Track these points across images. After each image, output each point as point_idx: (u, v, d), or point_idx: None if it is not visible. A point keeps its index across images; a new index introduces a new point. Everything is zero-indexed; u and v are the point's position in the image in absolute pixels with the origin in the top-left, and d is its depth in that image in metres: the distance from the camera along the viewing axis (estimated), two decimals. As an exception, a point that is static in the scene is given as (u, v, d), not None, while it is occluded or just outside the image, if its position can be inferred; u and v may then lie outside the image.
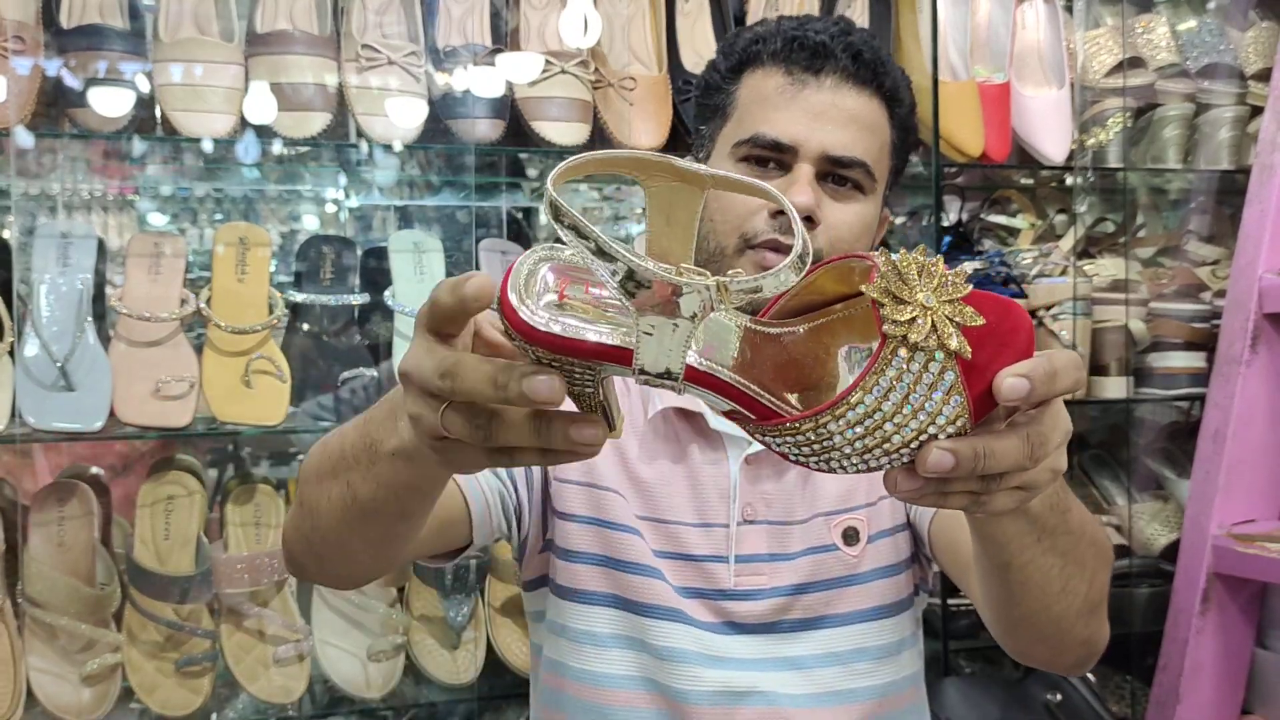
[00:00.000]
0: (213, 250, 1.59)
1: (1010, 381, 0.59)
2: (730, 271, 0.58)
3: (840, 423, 0.60)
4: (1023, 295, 1.82)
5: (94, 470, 1.66)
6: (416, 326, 0.64)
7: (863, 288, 0.60)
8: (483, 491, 1.06)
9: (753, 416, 0.62)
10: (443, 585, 1.64)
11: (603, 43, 1.70)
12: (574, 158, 0.59)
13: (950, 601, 1.78)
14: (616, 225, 2.39)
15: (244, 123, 1.52)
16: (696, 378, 0.61)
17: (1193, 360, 1.91)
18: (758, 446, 1.11)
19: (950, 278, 0.60)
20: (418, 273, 1.65)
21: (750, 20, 1.76)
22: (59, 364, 1.45)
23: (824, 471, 0.63)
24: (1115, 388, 1.88)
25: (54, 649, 1.48)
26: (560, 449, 0.61)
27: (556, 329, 0.58)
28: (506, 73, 1.63)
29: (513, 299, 0.58)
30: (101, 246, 1.56)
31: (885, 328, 0.59)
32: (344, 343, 1.62)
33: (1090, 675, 1.75)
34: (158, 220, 2.15)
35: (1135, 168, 2.02)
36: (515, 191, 2.22)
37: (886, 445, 0.60)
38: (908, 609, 1.16)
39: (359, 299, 1.62)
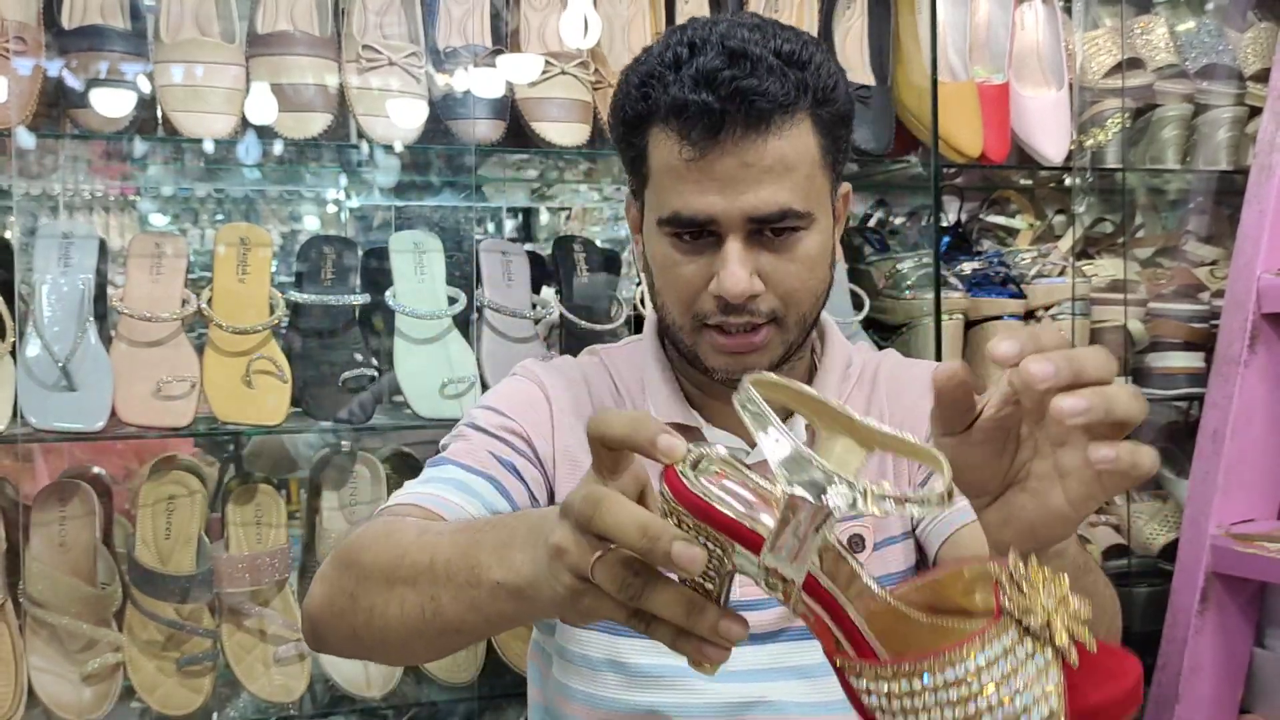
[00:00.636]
0: (214, 250, 1.59)
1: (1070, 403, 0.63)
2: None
3: (938, 678, 0.59)
4: (1021, 295, 1.82)
5: (95, 470, 1.66)
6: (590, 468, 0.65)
7: (988, 566, 0.62)
8: None
9: (850, 650, 0.62)
10: (443, 585, 1.64)
11: (603, 43, 1.70)
12: (773, 377, 0.64)
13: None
14: (617, 224, 2.39)
15: (245, 123, 1.53)
16: (814, 589, 0.62)
17: (1191, 360, 1.91)
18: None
19: (1075, 599, 0.61)
20: (418, 273, 1.66)
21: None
22: (60, 364, 1.46)
23: None
24: (1114, 388, 1.88)
25: (55, 648, 1.49)
26: (703, 636, 0.60)
27: (714, 502, 0.60)
28: (507, 73, 1.63)
29: (677, 465, 0.61)
30: (103, 247, 1.56)
31: (1004, 602, 0.60)
32: (345, 343, 1.63)
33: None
34: (159, 220, 2.15)
35: (1134, 168, 2.02)
36: (515, 192, 2.22)
37: None
38: None
39: (360, 299, 1.63)
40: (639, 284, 1.73)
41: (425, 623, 0.79)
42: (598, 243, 1.88)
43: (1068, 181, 2.01)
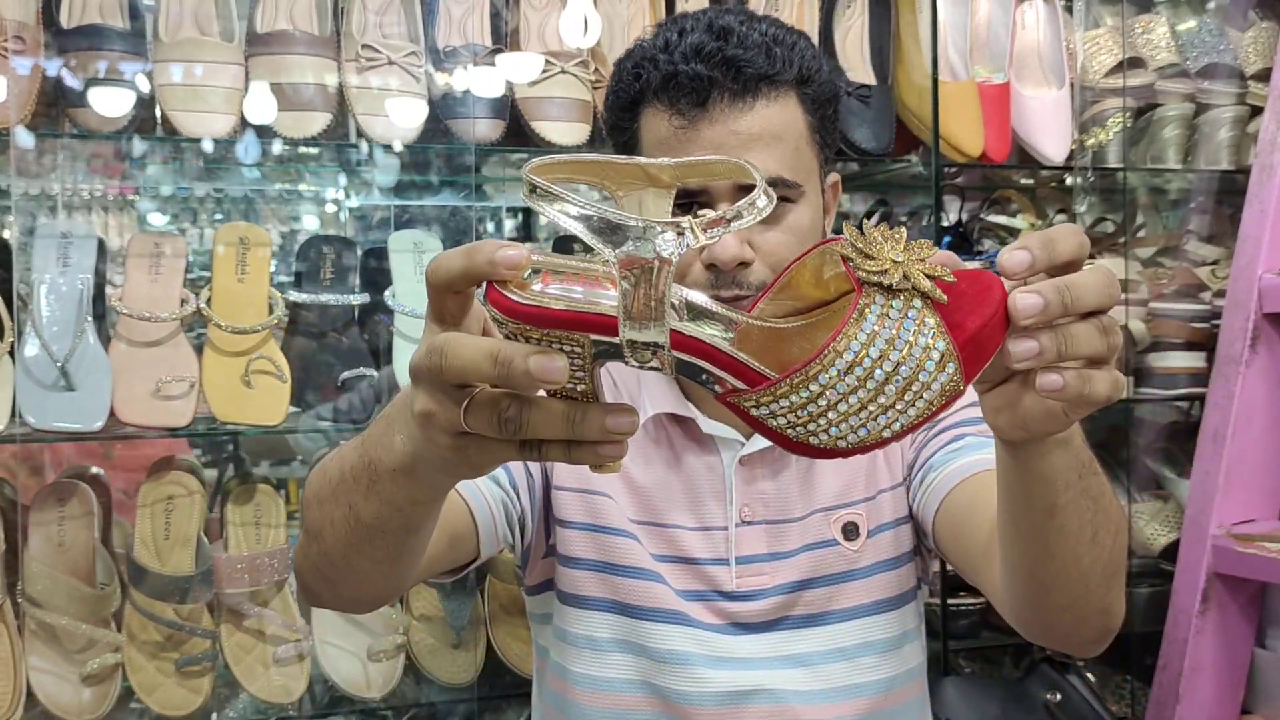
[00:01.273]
0: (213, 250, 1.59)
1: (1023, 299, 0.61)
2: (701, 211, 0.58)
3: (831, 373, 0.59)
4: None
5: (94, 470, 1.66)
6: (425, 320, 0.64)
7: (834, 246, 0.62)
8: (487, 503, 1.05)
9: (741, 384, 0.61)
10: (443, 585, 1.64)
11: (603, 43, 1.70)
12: (550, 157, 0.60)
13: (950, 601, 1.78)
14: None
15: (244, 123, 1.53)
16: (685, 344, 0.60)
17: (1192, 360, 1.91)
18: (752, 447, 1.12)
19: (918, 244, 0.62)
20: (418, 273, 1.66)
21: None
22: (59, 364, 1.45)
23: (825, 448, 0.62)
24: (1115, 388, 1.88)
25: (54, 649, 1.48)
26: (595, 439, 0.59)
27: (546, 302, 0.58)
28: (506, 73, 1.63)
29: (495, 284, 0.59)
30: (102, 246, 1.56)
31: (859, 275, 0.60)
32: (344, 343, 1.62)
33: (1090, 675, 1.75)
34: (158, 220, 2.15)
35: (1135, 168, 2.02)
36: (515, 192, 2.22)
37: (881, 398, 0.60)
38: (910, 601, 1.16)
39: (359, 299, 1.63)
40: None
41: (353, 532, 0.80)
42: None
43: (1068, 181, 2.01)
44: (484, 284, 0.60)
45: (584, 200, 0.57)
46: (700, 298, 0.64)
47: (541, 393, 0.61)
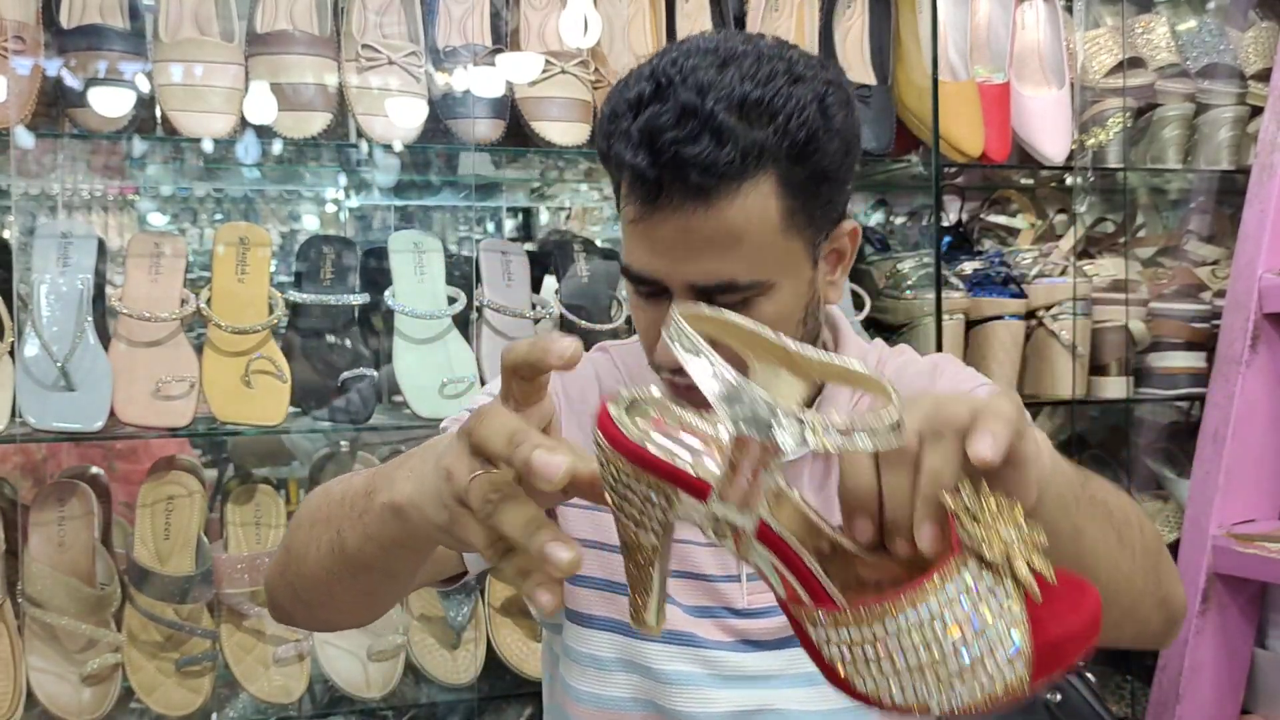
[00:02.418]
0: (213, 250, 1.59)
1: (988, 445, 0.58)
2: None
3: (900, 621, 0.56)
4: (1022, 295, 1.82)
5: (94, 470, 1.66)
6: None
7: (943, 497, 0.58)
8: None
9: (807, 598, 0.59)
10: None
11: (603, 43, 1.70)
12: (704, 310, 0.60)
13: (950, 601, 1.78)
14: (617, 224, 2.39)
15: (244, 123, 1.52)
16: (770, 540, 0.59)
17: (1193, 360, 1.91)
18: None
19: (1033, 527, 0.58)
20: (418, 273, 1.65)
21: (749, 21, 1.77)
22: (59, 364, 1.45)
23: (869, 695, 0.58)
24: (1115, 388, 1.88)
25: (54, 649, 1.48)
26: (535, 553, 0.59)
27: (646, 445, 0.58)
28: (506, 73, 1.63)
29: (611, 410, 0.59)
30: (102, 246, 1.56)
31: (960, 534, 0.57)
32: (344, 343, 1.62)
33: (1090, 675, 1.75)
34: (158, 220, 2.15)
35: (1135, 168, 2.02)
36: (515, 192, 2.22)
37: (941, 669, 0.56)
38: None
39: (359, 299, 1.62)
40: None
41: (334, 559, 0.78)
42: (597, 242, 1.88)
43: (1069, 181, 2.01)
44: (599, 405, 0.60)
45: (722, 363, 0.55)
46: (800, 500, 0.62)
47: (615, 539, 0.62)
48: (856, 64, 1.80)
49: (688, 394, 0.98)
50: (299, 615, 0.91)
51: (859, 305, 1.78)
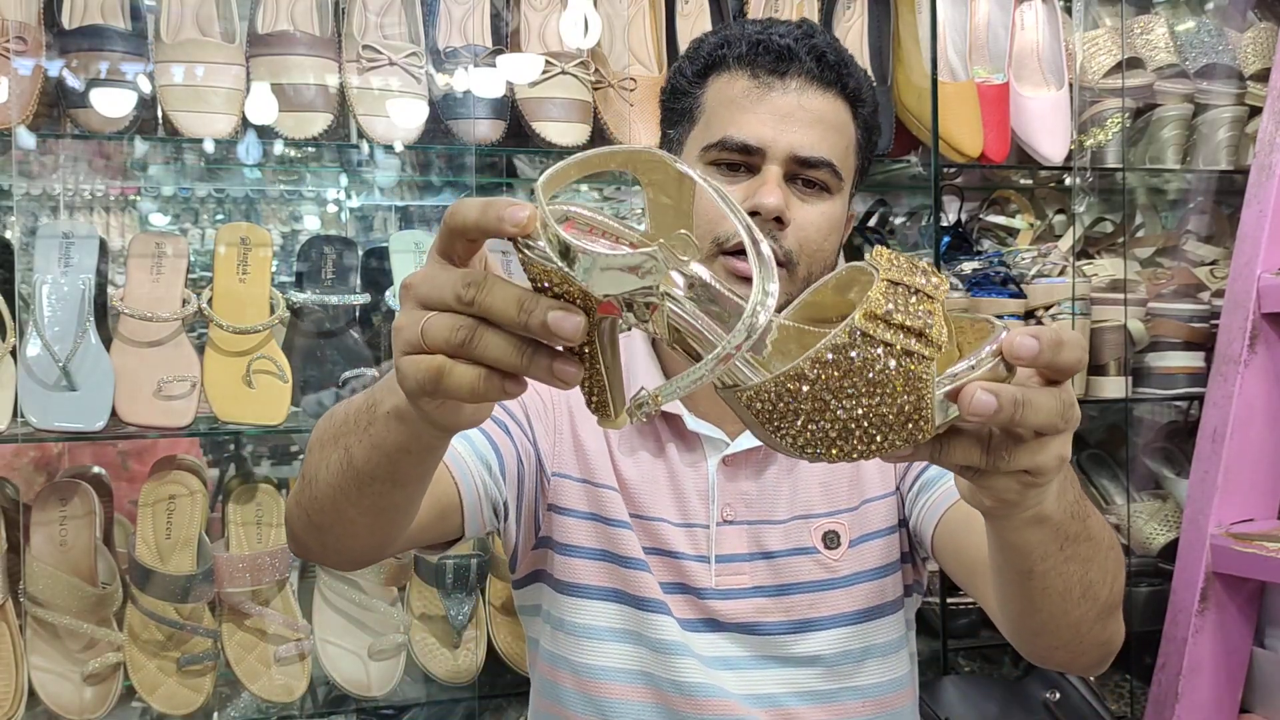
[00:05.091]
0: (214, 250, 1.60)
1: (1024, 341, 0.61)
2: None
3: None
4: (1021, 295, 1.82)
5: (96, 470, 1.66)
6: (430, 251, 0.66)
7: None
8: (474, 483, 1.05)
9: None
10: (444, 584, 1.64)
11: (603, 43, 1.70)
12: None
13: (949, 600, 1.79)
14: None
15: (245, 123, 1.53)
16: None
17: (1191, 360, 1.91)
18: (736, 447, 1.12)
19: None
20: (418, 273, 1.66)
21: (750, 21, 1.77)
22: (61, 364, 1.46)
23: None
24: (1114, 387, 1.89)
25: (56, 648, 1.49)
26: (534, 326, 0.61)
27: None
28: (507, 73, 1.63)
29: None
30: (103, 247, 1.56)
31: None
32: (345, 343, 1.63)
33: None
34: (159, 220, 2.15)
35: (1134, 168, 2.02)
36: (515, 192, 2.22)
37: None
38: (897, 611, 1.16)
39: (360, 299, 1.63)
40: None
41: (344, 475, 0.81)
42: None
43: (1068, 181, 2.01)
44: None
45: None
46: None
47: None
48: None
49: (746, 272, 1.02)
50: (313, 544, 0.92)
51: (858, 305, 1.79)
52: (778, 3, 1.79)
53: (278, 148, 1.62)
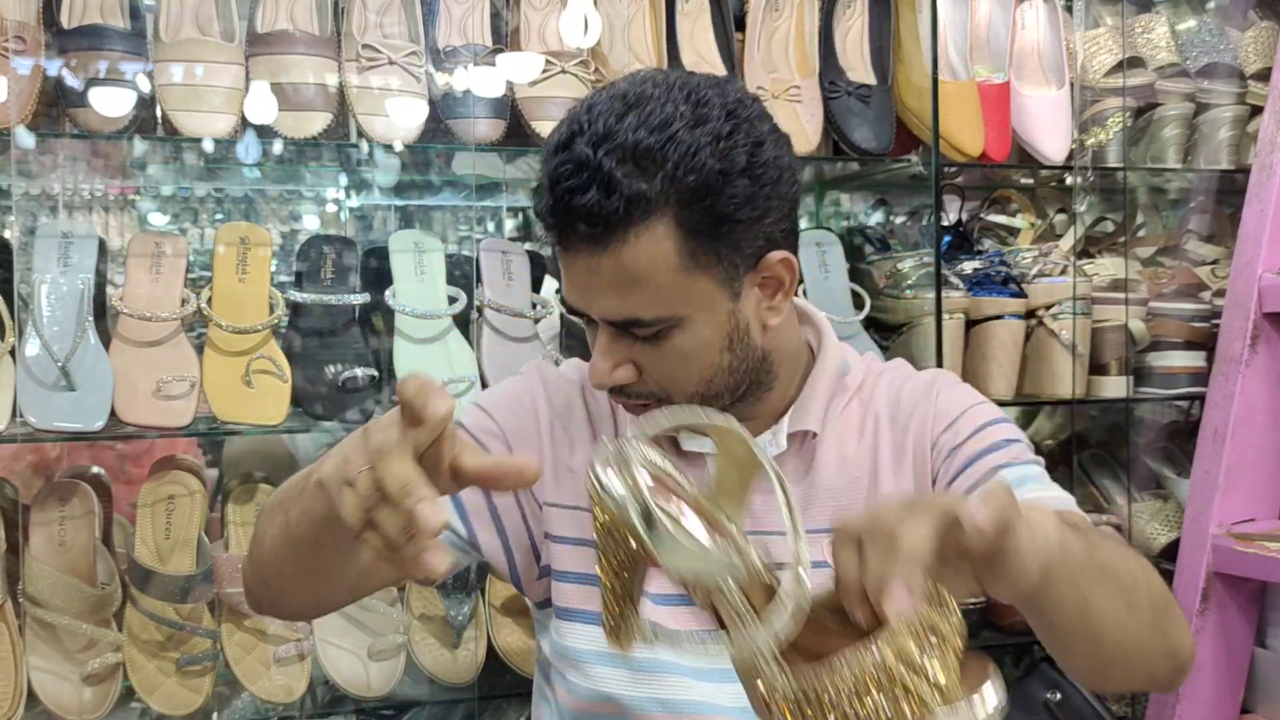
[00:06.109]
0: (213, 250, 1.59)
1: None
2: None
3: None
4: (1022, 294, 1.82)
5: (95, 470, 1.66)
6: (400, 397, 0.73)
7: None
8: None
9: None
10: (443, 584, 1.64)
11: (603, 43, 1.70)
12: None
13: (950, 601, 1.78)
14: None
15: (245, 123, 1.53)
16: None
17: (1192, 360, 1.91)
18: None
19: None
20: (418, 272, 1.66)
21: (749, 21, 1.77)
22: (60, 364, 1.45)
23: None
24: (1115, 387, 1.88)
25: (55, 648, 1.49)
26: (406, 557, 0.68)
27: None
28: (507, 73, 1.63)
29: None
30: (102, 246, 1.56)
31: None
32: (345, 342, 1.62)
33: (1090, 674, 1.75)
34: (158, 220, 2.15)
35: (1135, 167, 2.02)
36: (515, 191, 2.22)
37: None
38: None
39: (360, 299, 1.63)
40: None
41: (283, 538, 0.88)
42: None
43: (1068, 181, 2.01)
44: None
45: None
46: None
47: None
48: (856, 64, 1.80)
49: (632, 408, 1.05)
50: (262, 599, 0.99)
51: (859, 305, 1.79)
52: (778, 3, 1.79)
53: (277, 147, 1.62)
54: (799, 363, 1.13)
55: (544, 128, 1.60)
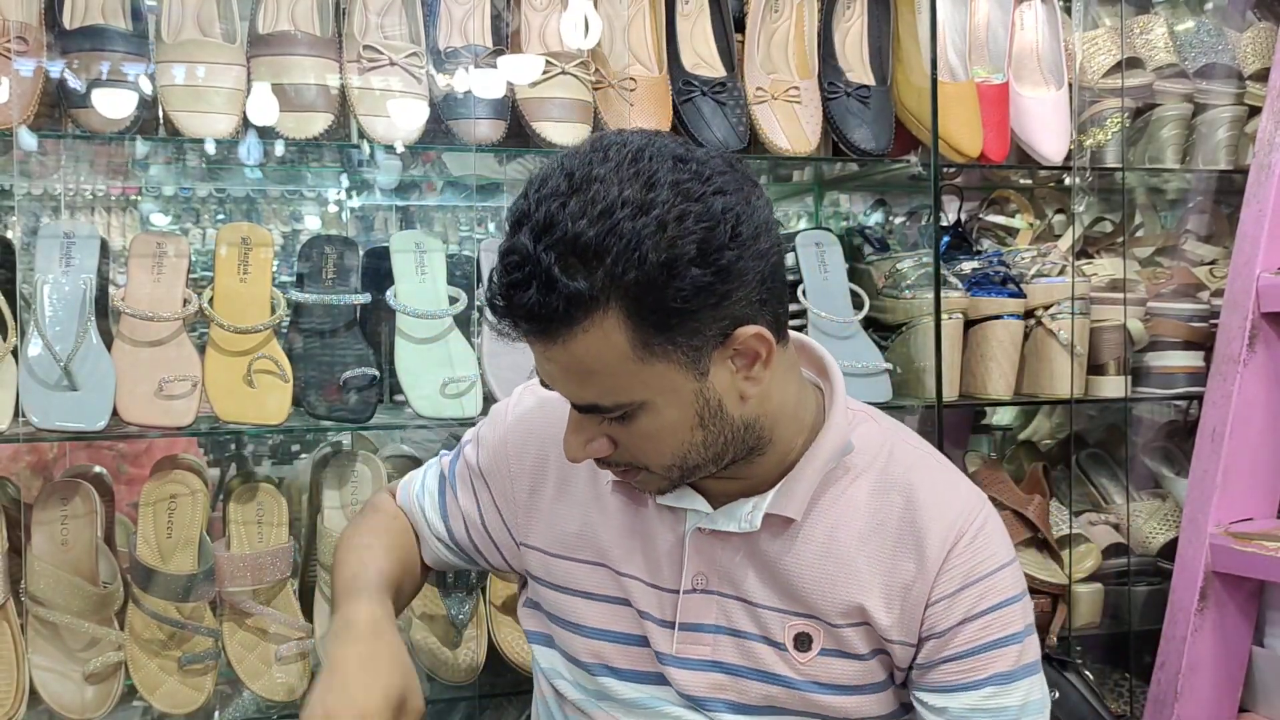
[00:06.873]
0: (215, 250, 1.60)
1: None
2: None
3: None
4: (1021, 294, 1.83)
5: (97, 469, 1.67)
6: None
7: None
8: (434, 541, 1.23)
9: None
10: (444, 583, 1.65)
11: (603, 44, 1.71)
12: None
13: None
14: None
15: (246, 123, 1.53)
16: None
17: (1190, 359, 1.91)
18: (713, 524, 1.05)
19: None
20: (419, 273, 1.66)
21: (749, 22, 1.77)
22: (62, 364, 1.46)
23: None
24: (1113, 387, 1.89)
25: (57, 647, 1.49)
26: None
27: None
28: (507, 74, 1.63)
29: None
30: (104, 246, 1.56)
31: None
32: (346, 342, 1.63)
33: (1088, 673, 1.75)
34: (160, 220, 2.16)
35: (1133, 168, 2.02)
36: (516, 192, 2.23)
37: None
38: None
39: (361, 299, 1.63)
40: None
41: None
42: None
43: (1067, 181, 2.02)
44: None
45: None
46: None
47: None
48: (856, 65, 1.80)
49: (616, 473, 1.04)
50: None
51: (858, 305, 1.79)
52: (777, 4, 1.79)
53: (278, 148, 1.62)
54: (801, 421, 1.04)
55: (544, 129, 1.61)
